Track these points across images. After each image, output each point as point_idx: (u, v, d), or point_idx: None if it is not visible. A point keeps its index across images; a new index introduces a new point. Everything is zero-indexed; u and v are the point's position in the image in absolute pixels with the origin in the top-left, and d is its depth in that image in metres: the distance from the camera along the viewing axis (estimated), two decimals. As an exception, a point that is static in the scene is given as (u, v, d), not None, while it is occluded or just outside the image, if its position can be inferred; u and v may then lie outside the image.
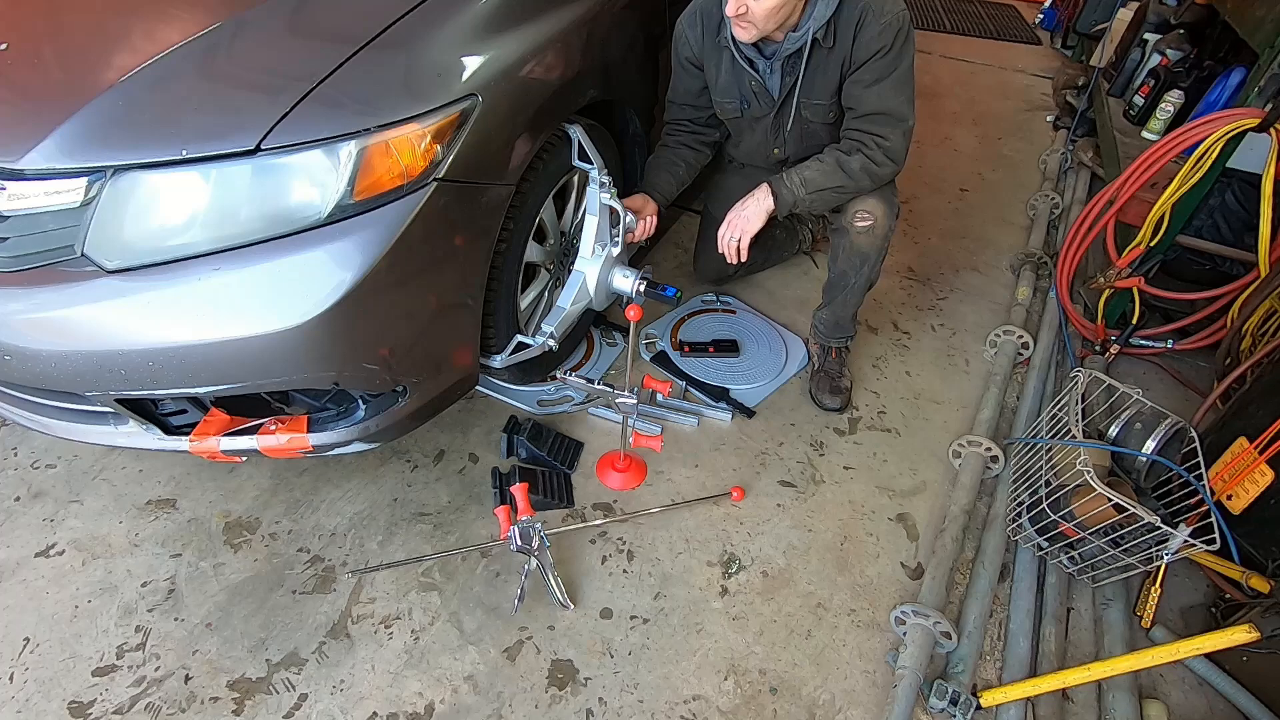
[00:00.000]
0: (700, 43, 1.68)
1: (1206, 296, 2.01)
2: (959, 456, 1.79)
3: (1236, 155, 1.83)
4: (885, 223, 1.71)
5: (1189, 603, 1.55)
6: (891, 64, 1.53)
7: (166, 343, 1.12)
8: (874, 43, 1.50)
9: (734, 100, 1.73)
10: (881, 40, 1.50)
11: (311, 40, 1.28)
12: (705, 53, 1.69)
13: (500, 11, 1.37)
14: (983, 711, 1.33)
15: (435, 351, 1.38)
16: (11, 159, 1.11)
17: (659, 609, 1.46)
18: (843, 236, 1.77)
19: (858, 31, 1.51)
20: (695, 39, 1.68)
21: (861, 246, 1.73)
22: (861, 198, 1.71)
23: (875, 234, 1.72)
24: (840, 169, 1.64)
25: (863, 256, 1.75)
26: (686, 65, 1.75)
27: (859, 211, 1.71)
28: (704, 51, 1.69)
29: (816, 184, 1.65)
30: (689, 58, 1.73)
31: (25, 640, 1.33)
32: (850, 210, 1.72)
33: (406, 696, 1.30)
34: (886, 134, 1.60)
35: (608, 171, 1.62)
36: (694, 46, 1.69)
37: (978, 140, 3.46)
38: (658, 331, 2.10)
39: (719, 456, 1.78)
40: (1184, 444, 1.47)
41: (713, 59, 1.69)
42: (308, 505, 1.59)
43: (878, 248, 1.74)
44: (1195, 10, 2.75)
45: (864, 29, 1.50)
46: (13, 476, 1.61)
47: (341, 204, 1.15)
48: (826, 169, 1.65)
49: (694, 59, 1.72)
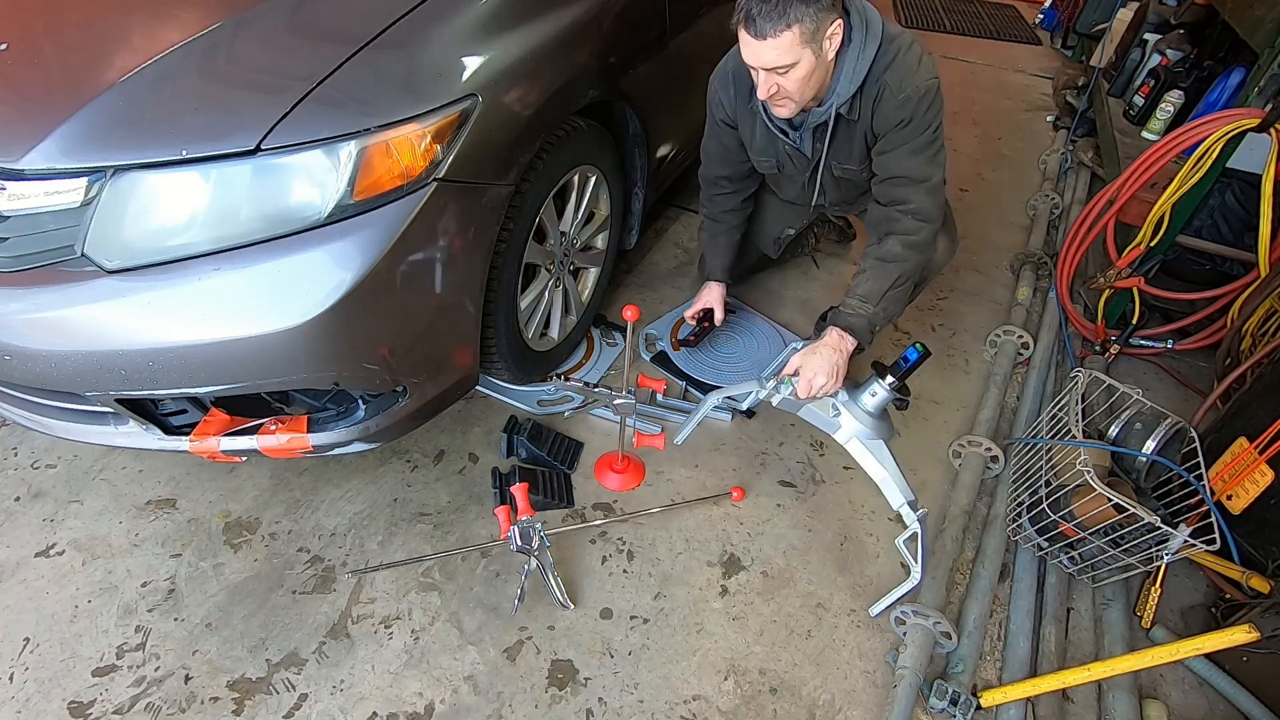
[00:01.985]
0: (734, 104, 1.67)
1: (1206, 296, 2.01)
2: (959, 457, 1.79)
3: (1236, 155, 1.83)
4: (944, 256, 1.82)
5: (1189, 603, 1.55)
6: (911, 133, 1.50)
7: (166, 343, 1.12)
8: (894, 115, 1.48)
9: (770, 159, 1.73)
10: (900, 114, 1.47)
11: (311, 40, 1.28)
12: (739, 115, 1.68)
13: (500, 11, 1.37)
14: (983, 711, 1.33)
15: (435, 352, 1.38)
16: (12, 159, 1.11)
17: (659, 609, 1.46)
18: None
19: (876, 107, 1.49)
20: (729, 101, 1.67)
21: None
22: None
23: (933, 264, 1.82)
24: (886, 264, 1.57)
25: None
26: (722, 125, 1.74)
27: None
28: (738, 113, 1.68)
29: (877, 292, 1.57)
30: (724, 119, 1.72)
31: (25, 640, 1.33)
32: None
33: (406, 696, 1.30)
34: (910, 197, 1.56)
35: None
36: (728, 109, 1.68)
37: (978, 140, 3.46)
38: (658, 331, 2.10)
39: (719, 456, 1.78)
40: (1184, 444, 1.47)
41: (746, 121, 1.68)
42: (308, 505, 1.59)
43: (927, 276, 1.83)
44: (1195, 10, 2.76)
45: (881, 103, 1.48)
46: (13, 476, 1.61)
47: (341, 204, 1.15)
48: (876, 274, 1.58)
49: (729, 120, 1.71)
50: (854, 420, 1.47)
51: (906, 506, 1.42)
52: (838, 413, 1.48)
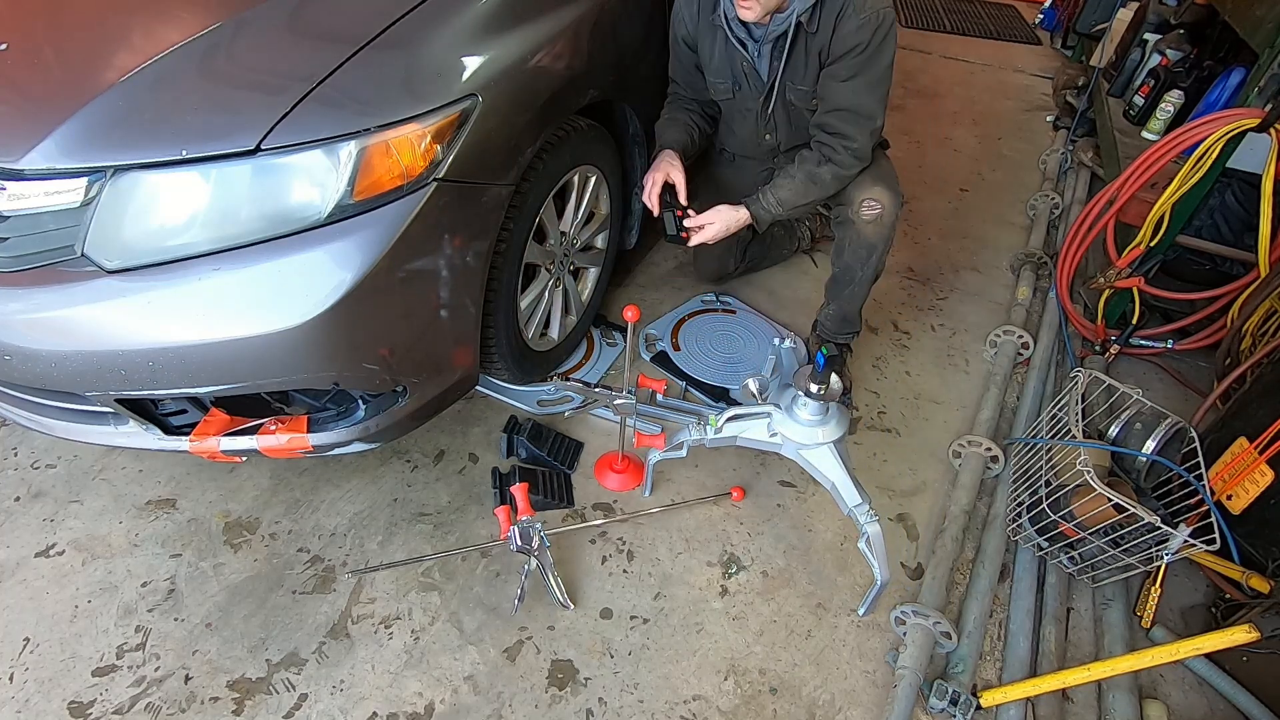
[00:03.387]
0: (695, 21, 1.69)
1: (1206, 296, 2.01)
2: (959, 456, 1.79)
3: (1236, 155, 1.83)
4: (892, 210, 1.71)
5: (1189, 603, 1.55)
6: (867, 62, 1.53)
7: (167, 343, 1.12)
8: (851, 37, 1.50)
9: (726, 80, 1.74)
10: (859, 36, 1.50)
11: (311, 40, 1.28)
12: (699, 32, 1.70)
13: (500, 11, 1.36)
14: (983, 711, 1.33)
15: (435, 352, 1.38)
16: (12, 159, 1.11)
17: (659, 609, 1.46)
18: (848, 228, 1.75)
19: (838, 22, 1.51)
20: (690, 17, 1.70)
21: (869, 236, 1.72)
22: (865, 185, 1.70)
23: (883, 223, 1.71)
24: (812, 183, 1.66)
25: (870, 247, 1.74)
26: (681, 44, 1.76)
27: (866, 200, 1.69)
28: (698, 30, 1.70)
29: (791, 202, 1.68)
30: (684, 36, 1.74)
31: (25, 640, 1.33)
32: (856, 200, 1.71)
33: (406, 696, 1.30)
34: (854, 134, 1.60)
35: None
36: (688, 25, 1.71)
37: (978, 140, 3.46)
38: (658, 331, 2.10)
39: (719, 456, 1.77)
40: (1184, 444, 1.47)
41: (706, 38, 1.70)
42: (308, 505, 1.59)
43: (885, 237, 1.73)
44: (1195, 10, 2.75)
45: (844, 20, 1.50)
46: (13, 476, 1.61)
47: (341, 204, 1.15)
48: (799, 186, 1.67)
49: (688, 38, 1.73)
50: (792, 435, 1.43)
51: (856, 510, 1.38)
52: (775, 433, 1.45)
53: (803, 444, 1.42)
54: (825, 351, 1.43)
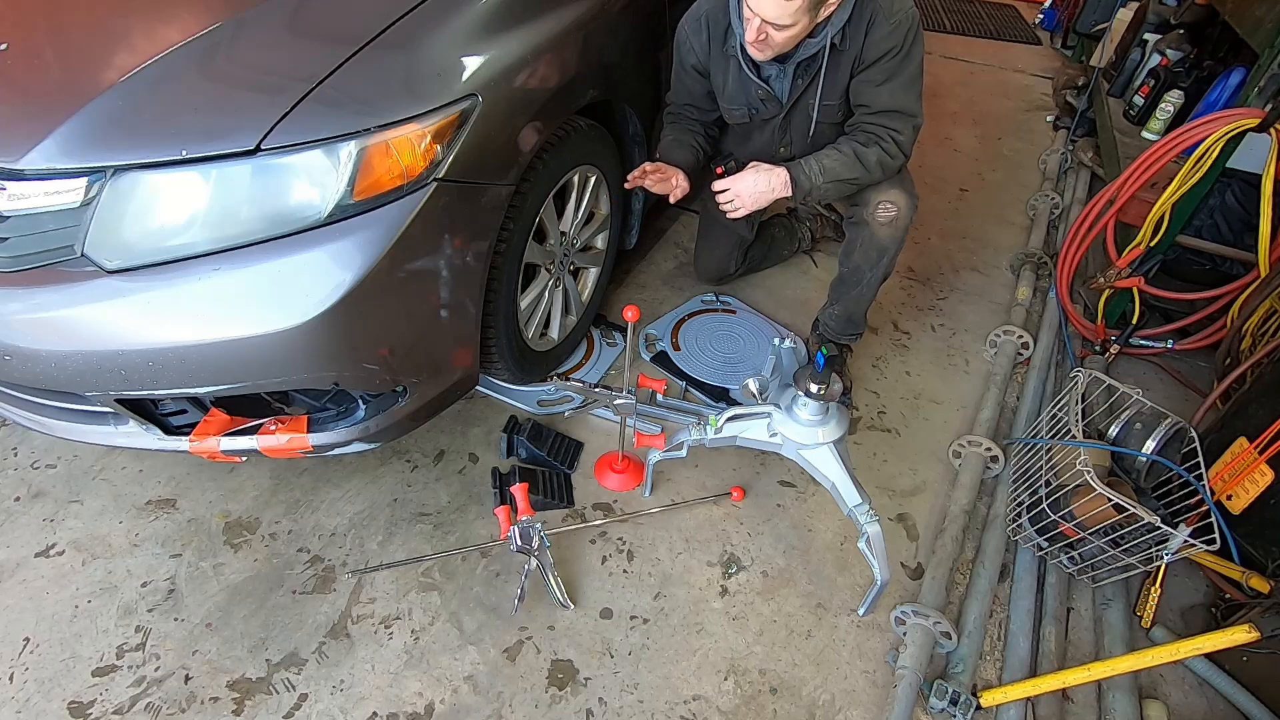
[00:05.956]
0: (705, 51, 1.66)
1: (1206, 296, 2.01)
2: (959, 456, 1.79)
3: (1236, 155, 1.83)
4: (907, 213, 1.71)
5: (1189, 603, 1.55)
6: (902, 63, 1.54)
7: (167, 343, 1.12)
8: (884, 42, 1.51)
9: (741, 107, 1.72)
10: (892, 40, 1.50)
11: (311, 40, 1.28)
12: (712, 60, 1.67)
13: (500, 12, 1.37)
14: (983, 711, 1.33)
15: (435, 352, 1.38)
16: (11, 159, 1.11)
17: (659, 609, 1.46)
18: (862, 229, 1.74)
19: (868, 31, 1.51)
20: (700, 46, 1.66)
21: (882, 239, 1.72)
22: (882, 188, 1.69)
23: (898, 225, 1.71)
24: (858, 160, 1.61)
25: (882, 249, 1.74)
26: (691, 71, 1.73)
27: (882, 202, 1.68)
28: (710, 59, 1.67)
29: (835, 173, 1.62)
30: (694, 65, 1.71)
31: (25, 640, 1.33)
32: (873, 202, 1.70)
33: (406, 696, 1.30)
34: (899, 128, 1.60)
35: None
36: (699, 54, 1.68)
37: (978, 140, 3.46)
38: (658, 331, 2.10)
39: (719, 456, 1.77)
40: (1184, 444, 1.47)
41: (719, 67, 1.67)
42: (308, 505, 1.59)
43: (898, 239, 1.73)
44: (1195, 10, 2.76)
45: (875, 28, 1.51)
46: (13, 476, 1.61)
47: (341, 204, 1.15)
48: (846, 159, 1.61)
49: (700, 66, 1.70)
50: (792, 435, 1.43)
51: (856, 510, 1.38)
52: (775, 433, 1.45)
53: (803, 444, 1.42)
54: (825, 351, 1.43)
